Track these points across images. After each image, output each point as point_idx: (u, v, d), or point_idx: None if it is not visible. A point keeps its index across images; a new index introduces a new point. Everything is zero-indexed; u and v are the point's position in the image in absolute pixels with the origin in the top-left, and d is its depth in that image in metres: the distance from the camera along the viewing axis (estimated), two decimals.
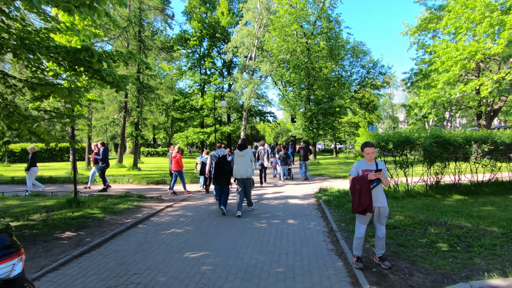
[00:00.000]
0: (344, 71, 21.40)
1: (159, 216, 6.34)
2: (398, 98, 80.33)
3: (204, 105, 29.46)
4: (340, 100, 18.74)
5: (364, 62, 28.16)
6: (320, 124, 19.01)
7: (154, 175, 14.05)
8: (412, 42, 21.85)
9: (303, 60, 18.76)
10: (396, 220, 5.23)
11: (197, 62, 33.05)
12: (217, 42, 31.17)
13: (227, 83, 30.65)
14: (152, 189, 10.21)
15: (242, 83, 22.42)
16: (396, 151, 7.25)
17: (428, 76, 19.45)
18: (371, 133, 7.78)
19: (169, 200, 8.10)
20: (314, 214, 6.33)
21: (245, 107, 25.30)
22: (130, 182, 11.26)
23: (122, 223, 5.63)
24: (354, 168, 3.62)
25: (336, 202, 6.95)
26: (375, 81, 28.19)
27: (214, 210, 6.85)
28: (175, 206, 7.41)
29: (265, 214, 6.39)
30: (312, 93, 19.65)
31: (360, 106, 27.16)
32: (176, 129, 38.06)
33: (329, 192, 8.28)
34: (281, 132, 69.06)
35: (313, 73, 19.38)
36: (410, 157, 8.23)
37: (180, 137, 29.02)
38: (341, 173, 13.48)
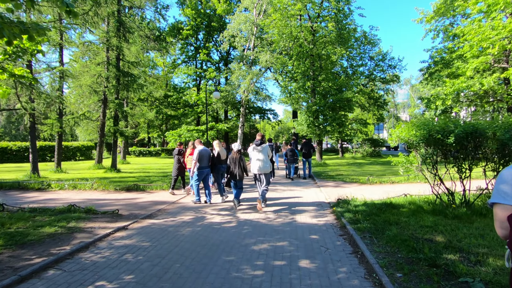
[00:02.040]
0: (354, 60, 19.06)
1: (96, 249, 4.02)
2: (400, 97, 78.09)
3: (199, 101, 27.13)
4: (350, 92, 16.39)
5: (372, 54, 25.84)
6: (328, 120, 16.68)
7: (131, 178, 11.74)
8: (428, 29, 19.57)
9: (307, 46, 16.43)
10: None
11: (192, 55, 30.74)
12: (213, 33, 28.83)
13: (223, 77, 28.27)
14: (115, 199, 7.89)
15: (239, 74, 20.08)
16: (457, 147, 4.92)
17: (450, 64, 17.11)
18: (416, 121, 5.45)
19: (127, 217, 5.78)
20: (340, 246, 4.00)
21: (242, 102, 22.96)
22: (93, 188, 8.96)
23: (20, 267, 3.33)
24: (507, 186, 1.28)
25: (369, 224, 4.62)
26: (385, 73, 25.86)
27: (186, 236, 4.54)
28: (131, 228, 5.08)
29: (262, 246, 4.07)
30: (317, 85, 17.32)
31: (369, 99, 24.81)
32: (170, 127, 35.75)
33: (353, 204, 5.96)
34: (282, 131, 66.75)
35: (318, 62, 17.04)
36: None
37: (173, 135, 26.67)
38: (356, 176, 11.15)
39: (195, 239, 4.41)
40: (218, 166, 7.38)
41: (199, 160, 6.85)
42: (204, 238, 4.45)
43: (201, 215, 5.92)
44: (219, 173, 7.45)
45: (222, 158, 7.38)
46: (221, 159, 7.36)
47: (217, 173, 7.43)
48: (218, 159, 7.33)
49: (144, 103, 32.09)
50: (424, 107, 51.98)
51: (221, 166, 7.39)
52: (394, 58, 26.12)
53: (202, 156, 6.89)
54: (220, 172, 7.47)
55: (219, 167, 7.38)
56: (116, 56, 14.42)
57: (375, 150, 25.71)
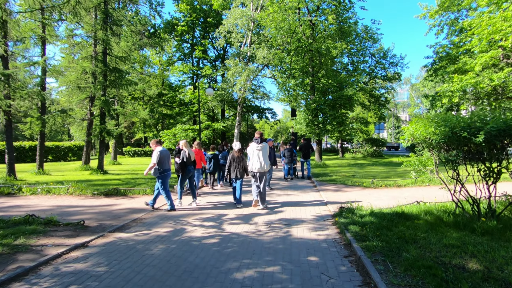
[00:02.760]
0: (356, 55, 18.19)
1: (35, 278, 3.15)
2: (400, 97, 77.25)
3: (195, 99, 26.26)
4: (351, 89, 15.53)
5: (373, 51, 25.00)
6: (328, 118, 15.83)
7: (115, 181, 10.87)
8: (431, 24, 18.74)
9: (306, 41, 15.57)
10: None
11: (189, 53, 29.84)
12: (210, 29, 27.92)
13: (220, 74, 27.38)
14: (89, 206, 7.03)
15: (234, 71, 19.19)
16: (485, 148, 4.05)
17: (456, 60, 16.28)
18: (434, 116, 4.59)
19: (93, 229, 4.91)
20: (345, 274, 3.14)
21: (239, 100, 22.09)
22: (69, 193, 8.08)
23: None
24: None
25: (380, 242, 3.76)
26: (386, 71, 25.03)
27: (156, 257, 3.68)
28: (92, 245, 4.22)
29: (247, 273, 3.21)
30: (317, 82, 16.47)
31: (370, 97, 23.95)
32: (166, 126, 34.85)
33: (358, 214, 5.10)
34: (281, 131, 65.90)
35: (317, 57, 16.19)
36: None
37: (167, 135, 25.79)
38: (358, 179, 10.31)
39: (166, 261, 3.55)
40: (188, 168, 6.91)
41: (160, 163, 6.10)
42: (176, 260, 3.59)
43: (181, 227, 5.06)
44: (188, 175, 6.99)
45: (191, 159, 6.93)
46: (190, 160, 6.90)
47: (187, 175, 6.97)
48: (188, 160, 6.85)
49: (138, 101, 31.24)
50: (428, 105, 51.23)
51: (191, 168, 6.98)
52: (396, 55, 25.34)
53: (163, 157, 6.18)
54: (190, 174, 7.00)
55: (189, 168, 6.92)
56: (102, 50, 13.53)
57: (376, 150, 24.88)
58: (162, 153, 6.14)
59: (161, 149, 6.23)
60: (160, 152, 6.13)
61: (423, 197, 7.12)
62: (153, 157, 6.08)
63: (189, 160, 6.87)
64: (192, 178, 7.23)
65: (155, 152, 6.13)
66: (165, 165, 6.22)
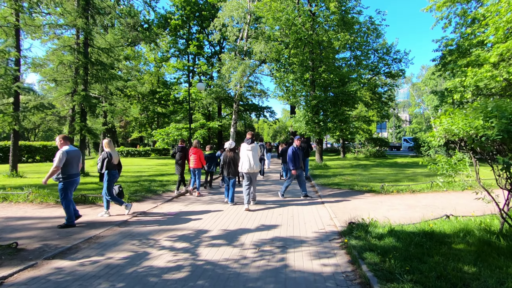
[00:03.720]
0: (359, 48, 17.02)
1: None
2: (400, 96, 76.20)
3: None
4: (355, 83, 14.37)
5: (376, 46, 23.82)
6: (329, 116, 14.67)
7: (91, 185, 9.67)
8: (439, 17, 17.63)
9: (305, 32, 14.40)
10: None
11: (184, 49, 28.62)
12: (205, 23, 26.71)
13: (215, 70, 26.17)
14: (43, 218, 5.85)
15: (230, 66, 18.01)
16: None
17: (467, 53, 15.15)
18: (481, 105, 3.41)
19: (28, 254, 3.72)
20: None
21: (235, 97, 20.92)
22: (29, 201, 6.90)
23: None
24: None
25: (415, 285, 2.59)
26: (389, 68, 23.87)
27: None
28: (8, 284, 3.05)
29: None
30: (317, 76, 15.31)
31: (373, 95, 22.79)
32: (161, 125, 33.66)
33: (374, 233, 3.93)
34: (280, 130, 64.75)
35: (318, 50, 15.02)
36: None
37: (160, 134, 24.62)
38: (365, 183, 9.15)
39: None
40: (112, 173, 5.60)
41: (67, 165, 4.82)
42: None
43: (144, 250, 3.89)
44: (114, 181, 5.71)
45: (114, 161, 5.64)
46: (113, 163, 5.59)
47: (112, 180, 5.68)
48: (109, 163, 5.50)
49: (132, 100, 30.04)
50: (430, 104, 49.90)
51: (115, 173, 5.68)
52: (400, 51, 24.12)
53: (71, 159, 4.87)
54: (115, 180, 5.73)
55: (113, 173, 5.62)
56: (83, 41, 12.35)
57: (379, 150, 23.74)
58: (69, 153, 4.83)
59: (68, 148, 4.90)
60: (67, 152, 4.82)
61: (445, 206, 5.98)
62: (55, 159, 4.75)
63: (111, 163, 5.54)
64: (112, 184, 5.78)
65: (59, 152, 4.77)
66: (72, 169, 4.92)
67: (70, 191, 4.98)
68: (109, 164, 5.49)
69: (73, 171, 4.95)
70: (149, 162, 21.49)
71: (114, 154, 5.64)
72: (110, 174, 5.57)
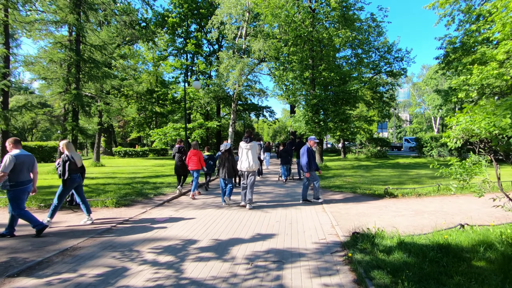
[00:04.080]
0: (360, 46, 16.56)
1: None
2: (401, 96, 75.70)
3: (186, 96, 24.61)
4: (356, 82, 13.94)
5: (378, 44, 23.37)
6: (329, 115, 14.23)
7: None
8: (442, 14, 17.19)
9: (305, 29, 13.96)
10: None
11: (182, 48, 28.18)
12: (203, 22, 26.27)
13: (214, 70, 25.72)
14: (19, 225, 5.42)
15: (228, 64, 17.57)
16: None
17: (472, 50, 14.71)
18: (493, 104, 2.98)
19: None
20: None
21: (233, 96, 20.48)
22: (4, 205, 6.48)
23: None
24: None
25: None
26: (391, 66, 23.41)
27: None
28: None
29: None
30: (317, 75, 14.87)
31: (374, 93, 22.34)
32: (159, 125, 33.23)
33: (381, 246, 3.50)
34: (280, 130, 64.32)
35: (318, 48, 14.59)
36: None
37: (158, 134, 24.21)
38: (368, 185, 8.72)
39: None
40: (73, 177, 5.05)
41: (16, 171, 4.33)
42: None
43: (123, 265, 3.46)
44: (72, 186, 5.14)
45: (78, 165, 5.15)
46: (76, 167, 5.09)
47: (71, 186, 5.10)
48: (70, 166, 4.98)
49: (129, 99, 29.58)
50: (431, 104, 49.44)
51: (76, 177, 5.13)
52: (402, 49, 23.66)
53: (20, 164, 4.37)
54: (74, 185, 5.17)
55: (73, 177, 5.07)
56: (75, 38, 11.93)
57: (380, 151, 23.30)
58: (18, 158, 4.35)
59: (18, 152, 4.41)
60: (16, 157, 4.33)
61: (455, 212, 5.55)
62: (2, 163, 4.29)
63: (72, 166, 5.00)
64: (80, 189, 5.32)
65: (7, 156, 4.29)
66: (22, 176, 4.43)
67: (22, 200, 4.47)
68: (70, 167, 4.95)
69: (23, 178, 4.43)
70: (146, 163, 21.07)
71: (76, 157, 5.11)
72: (71, 178, 5.01)
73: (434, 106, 49.49)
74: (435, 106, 49.33)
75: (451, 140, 3.36)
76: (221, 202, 7.00)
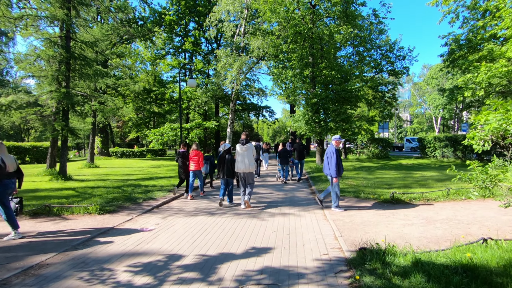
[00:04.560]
0: (362, 43, 16.03)
1: None
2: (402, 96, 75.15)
3: (184, 95, 24.12)
4: (358, 80, 13.44)
5: (379, 43, 22.84)
6: (330, 115, 13.72)
7: (67, 192, 8.72)
8: (446, 11, 16.68)
9: (305, 26, 13.45)
10: None
11: (180, 46, 27.67)
12: (201, 20, 25.76)
13: (212, 68, 25.21)
14: None
15: (225, 62, 17.05)
16: None
17: (477, 48, 14.20)
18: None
19: None
20: None
21: (232, 95, 19.98)
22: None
23: None
24: None
25: None
26: (393, 65, 22.89)
27: None
28: None
29: None
30: (318, 73, 14.36)
31: (376, 93, 21.82)
32: (157, 125, 32.71)
33: (395, 267, 2.98)
34: (280, 130, 63.78)
35: (319, 45, 14.07)
36: None
37: (155, 135, 23.67)
38: (372, 189, 8.19)
39: None
40: (5, 183, 4.44)
41: None
42: None
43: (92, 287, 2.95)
44: (7, 191, 4.49)
45: (9, 169, 4.51)
46: (5, 172, 4.45)
47: (4, 191, 4.45)
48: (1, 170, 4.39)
49: (127, 99, 29.06)
50: (432, 104, 48.89)
51: (9, 183, 4.52)
52: (404, 48, 23.13)
53: None
54: (8, 191, 4.53)
55: (6, 183, 4.46)
56: (65, 34, 11.42)
57: (382, 151, 22.76)
58: None
59: None
60: None
61: (470, 221, 5.04)
62: None
63: (4, 170, 4.42)
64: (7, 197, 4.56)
65: None
66: None
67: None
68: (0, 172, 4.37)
69: None
70: (142, 164, 20.57)
71: (8, 160, 4.50)
72: (2, 184, 4.42)
73: (435, 106, 48.97)
74: (436, 106, 48.81)
75: (476, 142, 2.84)
76: (216, 206, 6.71)
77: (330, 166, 5.97)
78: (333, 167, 5.92)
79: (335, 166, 5.89)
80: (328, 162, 6.04)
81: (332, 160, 5.95)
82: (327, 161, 6.07)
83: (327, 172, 6.10)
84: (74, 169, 17.06)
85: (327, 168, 6.11)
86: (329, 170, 6.00)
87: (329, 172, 6.03)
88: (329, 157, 6.00)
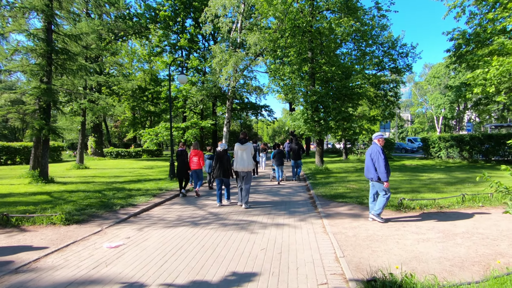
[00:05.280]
0: (364, 38, 15.22)
1: None
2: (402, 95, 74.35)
3: (179, 94, 23.35)
4: (360, 76, 12.65)
5: (381, 39, 22.04)
6: (331, 113, 12.92)
7: (41, 196, 7.94)
8: (451, 5, 15.89)
9: (304, 19, 12.66)
10: None
11: (177, 43, 26.90)
12: (197, 17, 24.98)
13: (208, 66, 24.42)
14: None
15: (221, 58, 16.26)
16: None
17: (486, 42, 13.40)
18: None
19: None
20: None
21: (228, 93, 19.21)
22: None
23: None
24: None
25: None
26: (395, 63, 22.11)
27: None
28: None
29: None
30: (317, 69, 13.58)
31: (377, 91, 21.01)
32: (153, 124, 31.93)
33: None
34: (279, 130, 62.99)
35: (318, 40, 13.28)
36: None
37: (149, 134, 22.93)
38: None
39: None
40: None
41: None
42: None
43: None
44: None
45: None
46: None
47: None
48: None
49: (122, 97, 28.28)
50: (433, 104, 48.06)
51: None
52: (406, 44, 22.33)
53: None
54: None
55: None
56: (46, 26, 10.65)
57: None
58: None
59: None
60: None
61: (496, 236, 4.31)
62: None
63: None
64: None
65: None
66: None
67: None
68: None
69: None
70: (135, 165, 19.79)
71: None
72: None
73: (437, 105, 48.18)
74: (438, 106, 48.00)
75: None
76: (201, 214, 5.93)
77: (378, 168, 4.92)
78: (382, 169, 4.87)
79: (384, 168, 4.86)
80: (373, 164, 5.03)
81: (380, 161, 4.92)
82: (372, 163, 5.05)
83: (372, 175, 5.07)
84: (62, 170, 16.32)
85: (371, 171, 5.06)
86: (376, 173, 4.99)
87: (374, 176, 5.03)
88: (375, 158, 4.98)
